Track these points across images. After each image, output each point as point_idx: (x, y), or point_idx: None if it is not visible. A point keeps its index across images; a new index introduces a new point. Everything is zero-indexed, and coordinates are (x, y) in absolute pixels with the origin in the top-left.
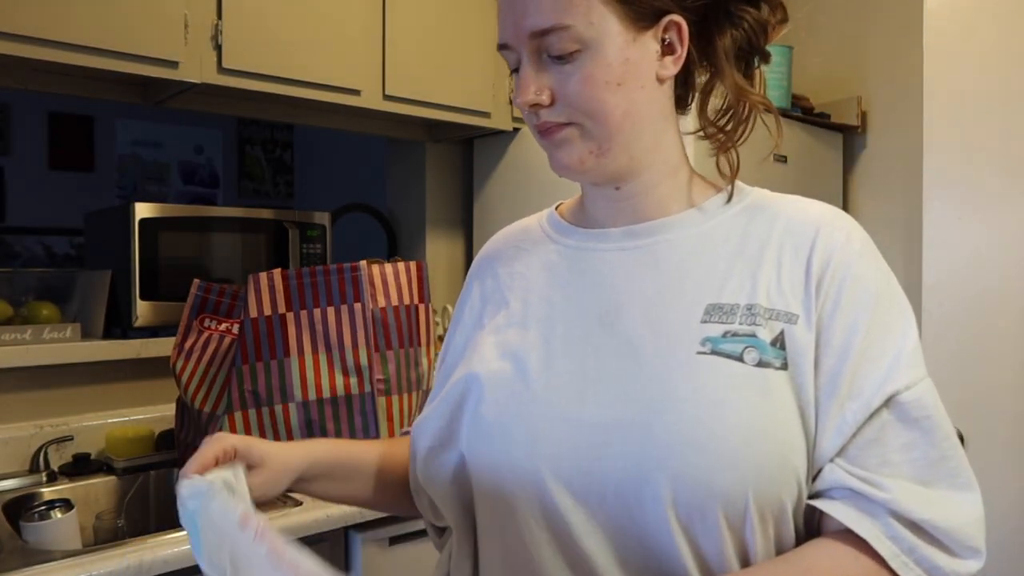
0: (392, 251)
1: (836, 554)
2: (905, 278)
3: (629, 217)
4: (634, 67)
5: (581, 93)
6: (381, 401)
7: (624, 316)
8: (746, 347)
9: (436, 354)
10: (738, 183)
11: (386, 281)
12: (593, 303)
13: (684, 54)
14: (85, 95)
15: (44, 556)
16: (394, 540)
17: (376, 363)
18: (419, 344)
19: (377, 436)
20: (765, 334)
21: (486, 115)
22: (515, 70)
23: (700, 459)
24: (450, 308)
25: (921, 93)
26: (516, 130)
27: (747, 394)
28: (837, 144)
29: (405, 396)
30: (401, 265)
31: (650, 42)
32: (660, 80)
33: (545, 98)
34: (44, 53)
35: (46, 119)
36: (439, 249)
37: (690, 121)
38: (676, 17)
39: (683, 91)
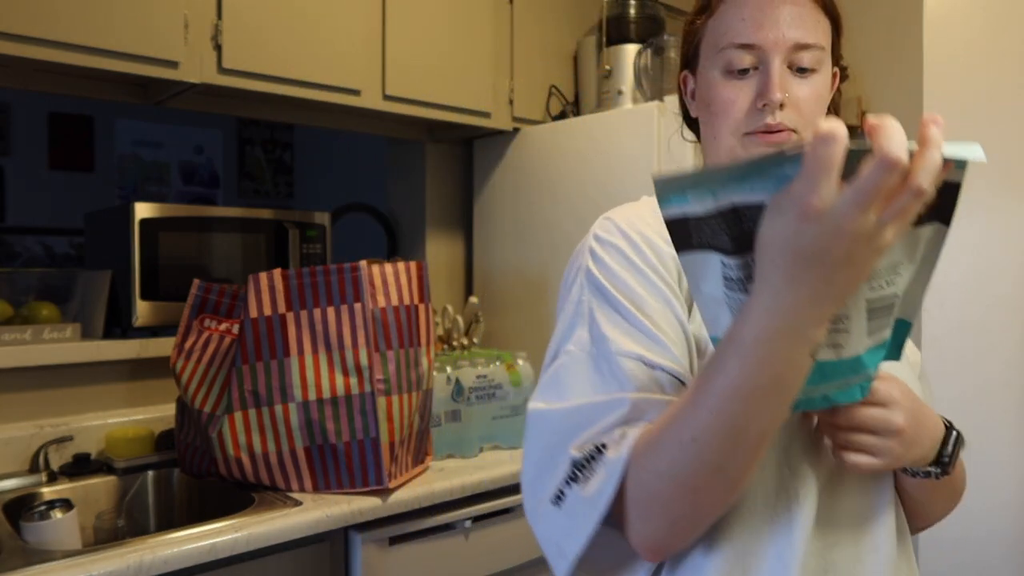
0: (392, 251)
1: None
2: None
3: None
4: (829, 97)
5: (811, 108)
6: (381, 401)
7: None
8: None
9: (436, 354)
10: None
11: (386, 281)
12: None
13: (830, 98)
14: (85, 95)
15: (44, 556)
16: (394, 540)
17: (376, 363)
18: (419, 344)
19: (377, 436)
20: None
21: (486, 115)
22: (740, 70)
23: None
24: (450, 308)
25: (921, 93)
26: (516, 130)
27: None
28: None
29: (405, 396)
30: (401, 265)
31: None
32: None
33: (787, 100)
34: (44, 53)
35: (46, 119)
36: (439, 249)
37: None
38: (838, 69)
39: None
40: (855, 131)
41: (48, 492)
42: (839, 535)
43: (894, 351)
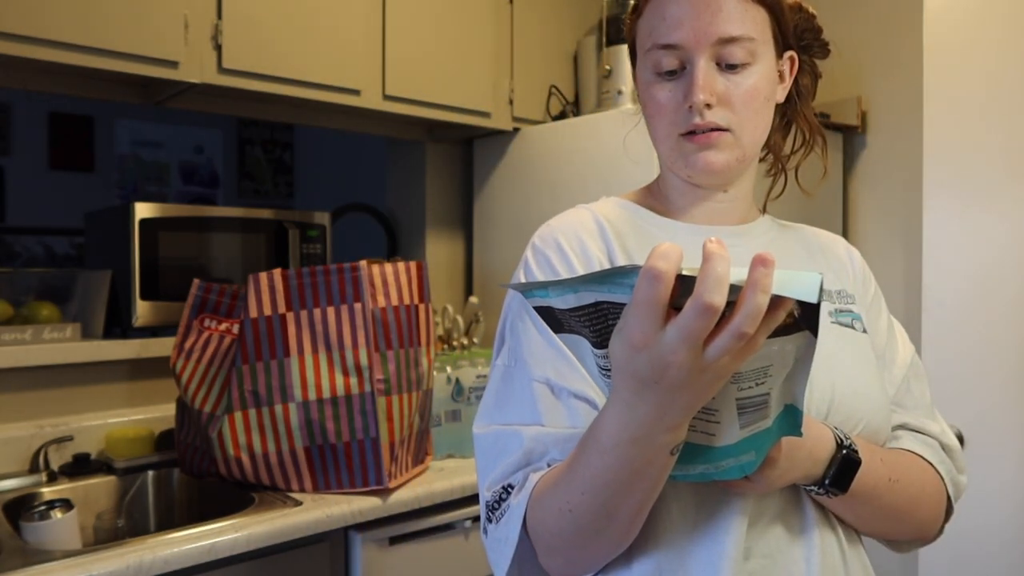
0: (392, 251)
1: (914, 459)
2: (905, 278)
3: (725, 218)
4: (774, 87)
5: (746, 104)
6: (381, 401)
7: None
8: (852, 319)
9: (436, 354)
10: None
11: (386, 281)
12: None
13: (788, 85)
14: (85, 95)
15: (44, 556)
16: (394, 540)
17: (376, 363)
18: (419, 344)
19: (377, 436)
20: (855, 310)
21: (486, 115)
22: (668, 72)
23: (865, 404)
24: (450, 308)
25: (921, 93)
26: (516, 130)
27: (866, 351)
28: (837, 144)
29: (405, 396)
30: (401, 265)
31: (776, 69)
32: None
33: (714, 100)
34: (44, 53)
35: (46, 119)
36: (439, 249)
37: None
38: (794, 53)
39: None
40: (854, 131)
41: (48, 492)
42: (769, 543)
43: (793, 429)
